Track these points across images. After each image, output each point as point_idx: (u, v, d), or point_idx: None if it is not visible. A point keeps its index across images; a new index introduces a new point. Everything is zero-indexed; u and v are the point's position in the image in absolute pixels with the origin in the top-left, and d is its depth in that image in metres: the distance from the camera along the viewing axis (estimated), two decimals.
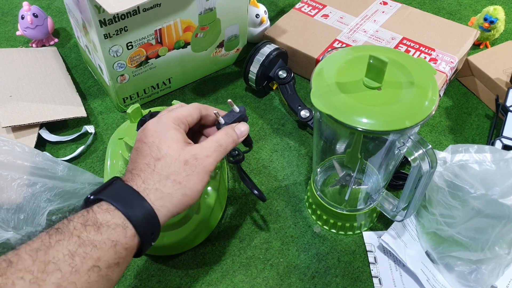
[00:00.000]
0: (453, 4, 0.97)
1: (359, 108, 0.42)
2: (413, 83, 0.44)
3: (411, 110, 0.42)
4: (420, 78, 0.45)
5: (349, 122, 0.42)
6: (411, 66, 0.46)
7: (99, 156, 0.70)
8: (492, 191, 0.47)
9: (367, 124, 0.41)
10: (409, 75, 0.45)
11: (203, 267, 0.57)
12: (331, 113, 0.42)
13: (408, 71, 0.45)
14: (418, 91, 0.44)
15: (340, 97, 0.44)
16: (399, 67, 0.46)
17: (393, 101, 0.43)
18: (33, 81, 0.75)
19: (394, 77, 0.45)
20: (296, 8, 0.85)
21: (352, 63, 0.47)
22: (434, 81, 0.45)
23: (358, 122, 0.41)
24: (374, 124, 0.41)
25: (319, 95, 0.44)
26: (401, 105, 0.43)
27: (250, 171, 0.67)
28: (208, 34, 0.75)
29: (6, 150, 0.56)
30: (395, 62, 0.46)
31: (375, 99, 0.43)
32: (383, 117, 0.42)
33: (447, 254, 0.54)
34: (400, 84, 0.44)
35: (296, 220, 0.62)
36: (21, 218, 0.55)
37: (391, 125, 0.41)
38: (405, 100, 0.43)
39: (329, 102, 0.43)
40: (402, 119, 0.41)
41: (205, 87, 0.81)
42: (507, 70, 0.75)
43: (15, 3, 0.99)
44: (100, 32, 0.62)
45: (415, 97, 0.43)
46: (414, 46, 0.76)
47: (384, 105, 0.43)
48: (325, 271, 0.57)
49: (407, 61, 0.47)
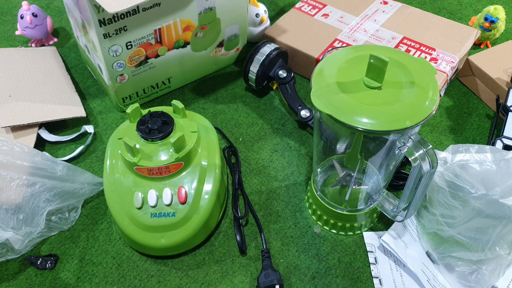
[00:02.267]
0: (454, 3, 0.97)
1: (360, 108, 0.42)
2: (413, 82, 0.44)
3: (411, 110, 0.42)
4: (421, 78, 0.45)
5: (349, 122, 0.41)
6: (411, 65, 0.46)
7: (99, 156, 0.70)
8: (493, 191, 0.47)
9: (367, 124, 0.41)
10: (409, 75, 0.45)
11: (202, 267, 0.57)
12: (331, 113, 0.42)
13: (409, 70, 0.45)
14: (419, 91, 0.44)
15: (340, 96, 0.43)
16: (399, 67, 0.46)
17: (394, 101, 0.43)
18: (32, 81, 0.75)
19: (395, 77, 0.45)
20: (296, 8, 0.85)
21: (352, 62, 0.47)
22: (434, 80, 0.45)
23: (358, 122, 0.41)
24: (375, 124, 0.41)
25: (320, 95, 0.44)
26: (401, 105, 0.42)
27: (250, 171, 0.67)
28: (208, 33, 0.75)
29: (5, 150, 0.55)
30: (395, 62, 0.46)
31: (375, 99, 0.43)
32: (384, 117, 0.42)
33: (448, 255, 0.54)
34: (400, 84, 0.44)
35: (297, 220, 0.61)
36: (20, 218, 0.55)
37: (391, 125, 0.41)
38: (406, 100, 0.43)
39: (330, 101, 0.43)
40: (403, 119, 0.41)
41: (205, 87, 0.81)
42: (507, 69, 0.75)
43: (14, 3, 0.99)
44: (100, 31, 0.62)
45: (415, 97, 0.43)
46: (414, 46, 0.76)
47: (385, 105, 0.43)
48: (326, 271, 0.57)
49: (407, 61, 0.47)
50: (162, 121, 0.56)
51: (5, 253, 0.56)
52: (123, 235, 0.58)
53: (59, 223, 0.60)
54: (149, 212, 0.55)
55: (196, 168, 0.57)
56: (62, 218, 0.60)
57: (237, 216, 0.60)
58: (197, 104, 0.77)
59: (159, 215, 0.54)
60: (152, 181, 0.55)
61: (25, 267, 0.57)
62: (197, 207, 0.55)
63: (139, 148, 0.55)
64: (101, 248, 0.59)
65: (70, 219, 0.61)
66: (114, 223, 0.61)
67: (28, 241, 0.57)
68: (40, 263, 0.57)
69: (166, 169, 0.55)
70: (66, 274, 0.57)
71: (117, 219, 0.55)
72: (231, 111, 0.76)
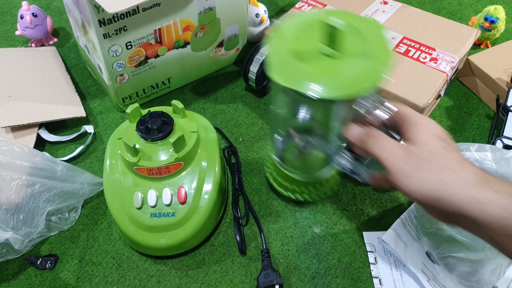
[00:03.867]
0: (454, 3, 0.97)
1: (315, 77, 0.42)
2: (367, 50, 0.44)
3: (366, 75, 0.42)
4: (375, 45, 0.44)
5: (304, 90, 0.41)
6: (366, 31, 0.45)
7: (99, 156, 0.70)
8: None
9: (322, 92, 0.41)
10: (364, 42, 0.44)
11: (202, 267, 0.57)
12: (287, 84, 0.42)
13: (364, 37, 0.45)
14: (373, 57, 0.43)
15: (295, 66, 0.43)
16: (355, 34, 0.45)
17: (348, 68, 0.42)
18: (32, 81, 0.75)
19: (350, 45, 0.44)
20: (296, 8, 0.85)
21: (307, 30, 0.46)
22: (387, 46, 0.44)
23: (313, 90, 0.41)
24: (330, 91, 0.41)
25: (275, 66, 0.43)
26: (356, 72, 0.42)
27: (250, 171, 0.67)
28: (207, 33, 0.75)
29: (5, 150, 0.55)
30: (351, 29, 0.45)
31: (330, 67, 0.43)
32: (338, 83, 0.41)
33: (448, 254, 0.53)
34: (355, 52, 0.44)
35: (296, 220, 0.61)
36: (20, 219, 0.55)
37: (346, 90, 0.41)
38: (360, 66, 0.42)
39: (285, 72, 0.42)
40: (357, 84, 0.41)
41: (205, 87, 0.81)
42: (507, 70, 0.75)
43: (14, 3, 0.99)
44: (100, 31, 0.62)
45: (370, 63, 0.43)
46: (414, 46, 0.76)
47: (340, 72, 0.42)
48: (325, 271, 0.57)
49: (361, 24, 0.46)
50: (162, 121, 0.56)
51: (5, 253, 0.56)
52: (123, 235, 0.58)
53: (59, 223, 0.60)
54: (149, 212, 0.54)
55: (196, 168, 0.57)
56: (62, 218, 0.60)
57: (237, 216, 0.60)
58: (197, 104, 0.77)
59: (158, 215, 0.54)
60: (152, 181, 0.55)
61: (25, 267, 0.57)
62: (197, 207, 0.55)
63: (138, 148, 0.55)
64: (101, 248, 0.59)
65: (70, 219, 0.61)
66: (114, 223, 0.60)
67: (28, 241, 0.57)
68: (40, 263, 0.57)
69: (166, 169, 0.55)
70: (66, 274, 0.57)
71: (116, 219, 0.55)
72: (231, 111, 0.76)
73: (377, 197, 0.64)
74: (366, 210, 0.62)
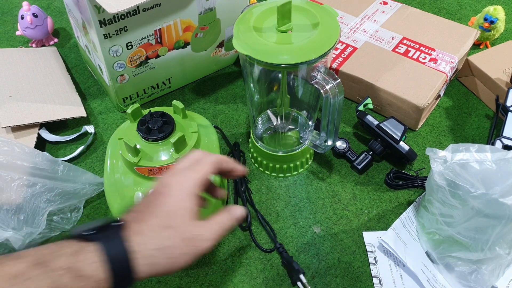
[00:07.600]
0: (453, 4, 0.97)
1: (274, 48, 0.50)
2: (318, 24, 0.52)
3: (316, 45, 0.50)
4: (324, 20, 0.53)
5: (266, 59, 0.49)
6: (317, 11, 0.54)
7: (99, 156, 0.70)
8: (493, 191, 0.47)
9: (280, 60, 0.49)
10: (314, 18, 0.53)
11: (203, 267, 0.57)
12: (250, 54, 0.49)
13: (314, 15, 0.53)
14: (322, 30, 0.52)
15: (258, 40, 0.51)
16: (305, 13, 0.54)
17: (302, 40, 0.51)
18: (33, 81, 0.75)
19: (302, 21, 0.53)
20: None
21: (267, 12, 0.54)
22: (336, 22, 0.53)
23: (273, 59, 0.49)
24: (287, 59, 0.49)
25: (240, 40, 0.51)
26: (308, 42, 0.50)
27: (250, 171, 0.67)
28: (208, 34, 0.75)
29: (6, 151, 0.56)
30: (302, 9, 0.54)
31: (286, 39, 0.51)
32: (293, 53, 0.50)
33: (447, 254, 0.54)
34: (307, 26, 0.53)
35: (296, 220, 0.62)
36: (21, 219, 0.55)
37: (300, 58, 0.49)
38: (312, 38, 0.51)
39: (248, 45, 0.50)
40: (309, 53, 0.49)
41: (205, 87, 0.81)
42: (507, 70, 0.75)
43: (15, 3, 0.99)
44: (100, 32, 0.62)
45: (319, 35, 0.51)
46: (414, 46, 0.76)
47: (295, 43, 0.51)
48: (325, 271, 0.57)
49: (313, 7, 0.55)
50: (163, 121, 0.56)
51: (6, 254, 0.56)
52: None
53: (61, 223, 0.60)
54: None
55: None
56: (64, 218, 0.60)
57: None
58: (197, 104, 0.78)
59: None
60: (152, 181, 0.55)
61: None
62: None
63: (139, 148, 0.55)
64: None
65: (72, 219, 0.61)
66: None
67: (29, 241, 0.57)
68: None
69: (166, 169, 0.55)
70: None
71: None
72: (231, 111, 0.76)
73: (377, 197, 0.64)
74: (366, 210, 0.63)
